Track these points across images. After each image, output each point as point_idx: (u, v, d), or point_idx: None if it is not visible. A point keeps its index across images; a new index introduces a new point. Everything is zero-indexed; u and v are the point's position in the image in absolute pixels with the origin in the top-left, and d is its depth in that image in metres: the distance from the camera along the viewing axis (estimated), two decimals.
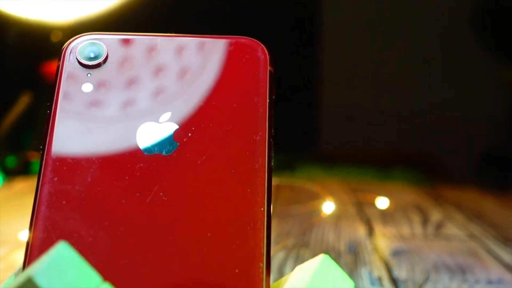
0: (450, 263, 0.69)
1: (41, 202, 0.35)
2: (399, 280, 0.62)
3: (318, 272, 0.33)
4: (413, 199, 1.10)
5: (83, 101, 0.37)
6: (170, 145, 0.36)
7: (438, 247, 0.76)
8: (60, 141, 0.36)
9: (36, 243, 0.34)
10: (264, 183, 0.35)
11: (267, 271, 0.34)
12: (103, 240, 0.34)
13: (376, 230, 0.84)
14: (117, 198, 0.35)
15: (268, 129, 0.37)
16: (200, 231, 0.34)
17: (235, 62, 0.39)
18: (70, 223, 0.34)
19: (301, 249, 0.73)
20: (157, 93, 0.38)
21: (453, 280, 0.62)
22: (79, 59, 0.38)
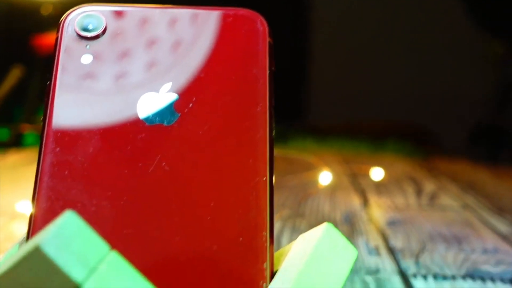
0: (445, 233, 0.69)
1: (43, 173, 0.35)
2: (396, 249, 0.63)
3: (322, 241, 0.33)
4: (406, 170, 1.11)
5: (83, 72, 0.37)
6: (171, 116, 0.36)
7: (433, 217, 0.76)
8: (61, 112, 0.36)
9: (40, 213, 0.34)
10: (266, 153, 0.36)
11: (270, 239, 0.34)
12: (107, 209, 0.34)
13: (371, 201, 0.85)
14: (119, 168, 0.35)
15: (269, 100, 0.37)
16: (203, 201, 0.34)
17: (234, 33, 0.39)
18: (73, 193, 0.35)
19: (297, 219, 0.73)
20: (156, 64, 0.38)
21: (449, 250, 0.63)
22: (78, 31, 0.38)
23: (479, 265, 0.58)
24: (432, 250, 0.63)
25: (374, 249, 0.63)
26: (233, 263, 0.33)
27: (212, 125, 0.36)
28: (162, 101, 0.37)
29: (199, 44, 0.38)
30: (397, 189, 0.93)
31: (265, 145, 0.36)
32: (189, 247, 0.34)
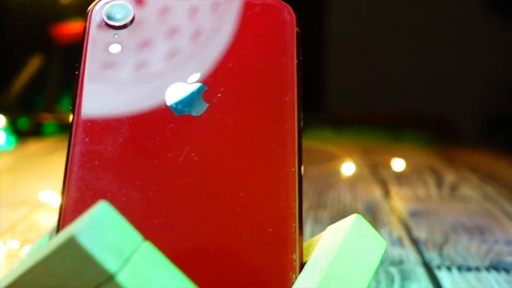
0: (468, 224, 0.69)
1: (73, 163, 0.35)
2: (420, 240, 0.62)
3: (351, 232, 0.33)
4: (426, 160, 1.10)
5: (111, 62, 0.37)
6: (200, 106, 0.36)
7: (454, 208, 0.76)
8: (90, 102, 0.36)
9: (70, 203, 0.34)
10: (295, 144, 0.36)
11: (300, 230, 0.34)
12: (136, 199, 0.34)
13: (392, 192, 0.84)
14: (148, 158, 0.35)
15: (297, 90, 0.37)
16: (233, 191, 0.34)
17: (262, 23, 0.38)
18: (103, 183, 0.35)
19: (318, 210, 0.73)
20: (185, 54, 0.38)
21: (472, 241, 0.62)
22: (106, 20, 0.38)
23: (503, 257, 0.58)
24: (455, 241, 0.62)
25: (397, 240, 0.62)
26: (263, 254, 0.33)
27: (241, 115, 0.36)
28: (191, 91, 0.37)
29: (227, 33, 0.38)
30: (417, 180, 0.93)
31: (294, 135, 0.36)
32: (219, 238, 0.34)
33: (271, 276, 0.33)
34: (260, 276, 0.33)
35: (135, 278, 0.26)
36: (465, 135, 1.72)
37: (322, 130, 1.53)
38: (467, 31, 2.06)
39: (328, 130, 1.55)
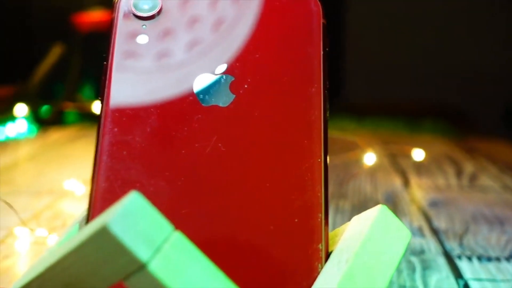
0: (487, 214, 0.69)
1: (102, 153, 0.35)
2: (440, 230, 0.62)
3: (377, 222, 0.33)
4: (445, 150, 1.10)
5: (139, 52, 0.37)
6: (227, 97, 0.36)
7: (474, 198, 0.76)
8: (118, 92, 0.36)
9: (99, 192, 0.34)
10: (321, 135, 0.36)
11: (325, 221, 0.34)
12: (165, 189, 0.34)
13: (412, 182, 0.84)
14: (176, 148, 0.35)
15: (323, 81, 0.37)
16: (259, 182, 0.35)
17: (289, 14, 0.38)
18: (131, 173, 0.35)
19: (340, 200, 0.73)
20: (212, 45, 0.38)
21: (492, 231, 0.63)
22: (134, 11, 0.38)
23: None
24: (475, 232, 0.62)
25: (418, 229, 0.63)
26: (289, 244, 0.34)
27: (267, 106, 0.36)
28: (218, 82, 0.37)
29: (254, 24, 0.38)
30: (437, 169, 0.93)
31: (320, 126, 0.36)
32: (245, 228, 0.34)
33: (297, 265, 0.33)
34: (287, 265, 0.33)
35: (166, 267, 0.27)
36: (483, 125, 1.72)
37: (342, 120, 1.53)
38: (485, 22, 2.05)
39: (348, 119, 1.55)
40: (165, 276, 0.27)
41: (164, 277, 0.26)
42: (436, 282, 0.49)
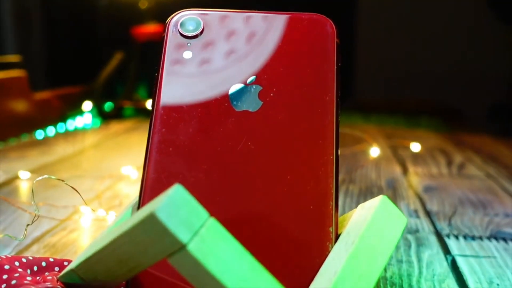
0: (473, 199, 0.68)
1: (152, 149, 0.36)
2: (432, 212, 0.62)
3: (379, 210, 0.33)
4: (437, 143, 1.09)
5: (184, 66, 0.38)
6: (256, 103, 0.36)
7: (461, 184, 0.75)
8: (166, 98, 0.37)
9: (149, 182, 0.35)
10: (333, 136, 0.36)
11: (335, 208, 0.34)
12: (202, 180, 0.35)
13: (410, 170, 0.84)
14: (213, 146, 0.35)
15: (336, 91, 0.37)
16: (281, 174, 0.35)
17: (309, 34, 0.39)
18: (176, 166, 0.35)
19: (349, 185, 0.73)
20: (244, 60, 0.38)
21: (476, 214, 0.62)
22: (181, 31, 0.39)
23: (502, 227, 0.57)
24: (462, 214, 0.62)
25: (414, 211, 0.62)
26: (305, 227, 0.34)
27: (289, 111, 0.37)
28: (249, 91, 0.37)
29: (279, 43, 0.38)
30: (431, 159, 0.92)
31: (333, 129, 0.36)
32: (269, 212, 0.34)
33: (311, 245, 0.33)
34: (302, 245, 0.33)
35: (203, 248, 0.27)
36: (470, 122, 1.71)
37: (352, 115, 1.53)
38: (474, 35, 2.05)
39: (356, 115, 1.55)
40: (202, 255, 0.27)
41: (201, 256, 0.27)
42: (428, 257, 0.48)
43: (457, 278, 0.44)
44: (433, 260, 0.48)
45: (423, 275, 0.44)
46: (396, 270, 0.45)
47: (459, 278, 0.44)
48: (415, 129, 1.32)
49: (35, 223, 0.53)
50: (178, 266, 0.28)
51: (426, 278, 0.44)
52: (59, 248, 0.49)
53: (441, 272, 0.45)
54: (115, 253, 0.30)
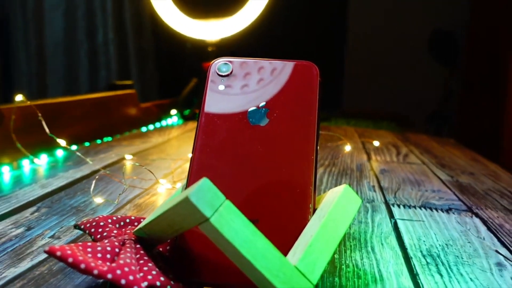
0: (411, 179, 0.65)
1: (196, 148, 0.34)
2: (384, 188, 0.59)
3: (342, 195, 0.31)
4: (392, 140, 1.05)
5: (219, 95, 0.36)
6: (265, 120, 0.35)
7: (405, 168, 0.72)
8: (206, 115, 0.35)
9: (193, 170, 0.33)
10: (314, 142, 0.34)
11: (314, 191, 0.32)
12: (227, 171, 0.33)
13: (372, 158, 0.80)
14: (235, 148, 0.34)
15: (318, 112, 0.35)
16: (279, 167, 0.33)
17: (301, 75, 0.37)
18: (210, 161, 0.33)
19: (332, 168, 0.70)
20: (258, 91, 0.36)
21: (413, 189, 0.59)
22: (217, 72, 0.37)
23: (430, 200, 0.54)
24: (403, 189, 0.59)
25: (372, 187, 0.59)
26: (293, 204, 0.32)
27: (287, 126, 0.35)
28: (260, 112, 0.35)
29: (281, 81, 0.36)
30: (386, 151, 0.89)
31: (314, 137, 0.34)
32: (270, 192, 0.32)
33: (297, 215, 0.31)
34: (291, 215, 0.31)
35: (221, 220, 0.25)
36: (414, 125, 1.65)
37: (338, 120, 1.49)
38: (421, 67, 2.03)
39: (341, 120, 1.51)
40: (220, 225, 0.25)
41: (219, 226, 0.25)
42: (378, 220, 0.45)
43: (397, 236, 0.41)
44: (382, 222, 0.45)
45: (374, 232, 0.42)
46: (356, 228, 0.42)
47: (398, 236, 0.41)
48: (378, 130, 1.27)
49: (129, 190, 0.52)
50: (206, 232, 0.26)
51: (376, 235, 0.41)
52: (143, 207, 0.47)
53: (387, 231, 0.42)
54: (165, 220, 0.28)
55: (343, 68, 2.10)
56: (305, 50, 1.91)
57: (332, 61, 2.08)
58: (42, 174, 0.60)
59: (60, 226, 0.41)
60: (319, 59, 0.42)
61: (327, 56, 2.03)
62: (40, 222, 0.41)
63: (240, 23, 1.30)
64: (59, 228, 0.40)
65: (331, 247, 0.28)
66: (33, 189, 0.52)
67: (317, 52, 1.96)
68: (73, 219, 0.43)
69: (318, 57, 1.64)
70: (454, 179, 0.66)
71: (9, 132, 0.62)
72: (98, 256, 0.28)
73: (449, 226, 0.44)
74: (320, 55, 1.98)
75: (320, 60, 0.40)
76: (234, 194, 0.32)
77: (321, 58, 2.04)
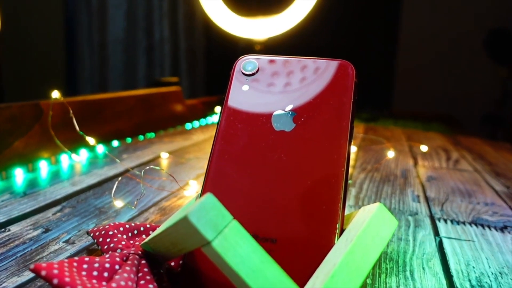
0: (462, 188, 0.57)
1: (214, 155, 0.30)
2: (430, 198, 0.52)
3: (375, 215, 0.25)
4: (442, 143, 0.96)
5: (242, 96, 0.32)
6: (291, 125, 0.30)
7: (455, 176, 0.64)
8: (227, 118, 0.31)
9: (209, 178, 0.29)
10: (346, 153, 0.28)
11: (343, 209, 0.27)
12: (246, 180, 0.29)
13: (419, 163, 0.73)
14: (257, 156, 0.29)
15: (351, 118, 0.30)
16: (303, 180, 0.28)
17: (336, 75, 0.31)
18: (227, 169, 0.29)
19: (375, 173, 0.64)
20: (284, 93, 0.31)
21: (463, 201, 0.52)
22: (242, 70, 0.33)
23: (482, 215, 0.47)
24: (452, 201, 0.52)
25: (416, 197, 0.52)
26: (319, 222, 0.27)
27: (315, 133, 0.29)
28: (286, 116, 0.30)
29: (312, 81, 0.31)
30: (435, 155, 0.81)
31: (345, 147, 0.29)
32: (291, 207, 0.27)
33: (321, 237, 0.26)
34: (316, 235, 0.26)
35: (225, 244, 0.21)
36: (465, 127, 1.54)
37: (386, 120, 1.40)
38: (476, 68, 1.91)
39: (390, 120, 1.42)
40: (223, 250, 0.21)
41: (222, 251, 0.21)
42: (421, 237, 0.39)
43: (442, 259, 0.35)
44: (425, 241, 0.38)
45: (415, 253, 0.36)
46: (395, 247, 0.37)
47: (443, 259, 0.35)
48: (427, 131, 1.18)
49: (155, 192, 0.48)
50: (209, 255, 0.21)
51: (418, 256, 0.35)
52: (167, 211, 0.43)
53: (430, 251, 0.36)
54: (168, 238, 0.24)
55: (394, 68, 2.01)
56: (355, 48, 1.83)
57: (383, 60, 1.99)
58: (78, 171, 0.58)
59: (78, 229, 0.38)
60: (369, 58, 0.37)
61: (377, 55, 1.94)
62: (60, 223, 0.39)
63: (288, 22, 1.25)
64: (77, 232, 0.37)
65: (358, 280, 0.23)
66: (63, 186, 0.50)
67: (367, 51, 1.88)
68: (93, 222, 0.40)
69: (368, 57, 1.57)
70: (510, 190, 0.58)
71: (47, 127, 0.61)
72: (93, 274, 0.24)
73: (504, 249, 0.37)
74: (370, 55, 1.89)
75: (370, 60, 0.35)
76: (251, 208, 0.27)
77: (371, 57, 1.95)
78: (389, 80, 2.00)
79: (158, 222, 0.40)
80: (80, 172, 0.57)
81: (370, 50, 1.91)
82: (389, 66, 2.00)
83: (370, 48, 1.92)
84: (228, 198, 0.28)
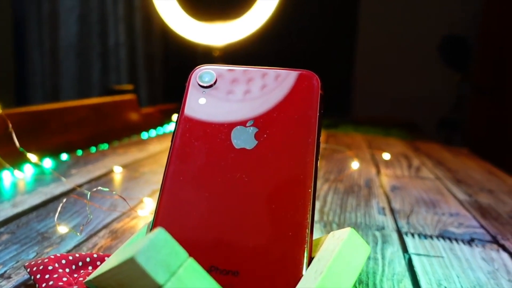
0: (425, 198, 0.57)
1: (167, 176, 0.27)
2: (395, 210, 0.51)
3: (346, 242, 0.23)
4: (402, 150, 0.97)
5: (198, 110, 0.29)
6: (252, 142, 0.27)
7: (417, 185, 0.64)
8: (181, 135, 0.28)
9: (162, 205, 0.26)
10: (312, 172, 0.26)
11: (311, 234, 0.25)
12: (204, 204, 0.26)
13: (382, 171, 0.73)
14: (215, 177, 0.26)
15: (317, 133, 0.28)
16: (267, 203, 0.25)
17: (298, 87, 0.29)
18: (183, 192, 0.26)
19: (338, 184, 0.62)
20: (245, 107, 0.29)
21: (428, 213, 0.51)
22: (198, 81, 0.30)
23: (448, 226, 0.46)
24: (417, 212, 0.51)
25: (382, 209, 0.51)
26: (284, 250, 0.24)
27: (278, 150, 0.27)
28: (247, 132, 0.28)
29: (273, 93, 0.29)
30: (397, 163, 0.80)
31: (312, 166, 0.26)
32: (254, 234, 0.25)
33: (288, 267, 0.24)
34: (280, 266, 0.24)
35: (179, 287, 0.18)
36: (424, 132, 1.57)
37: (347, 126, 1.40)
38: (431, 74, 1.96)
39: (350, 126, 1.42)
40: None
41: None
42: (390, 255, 0.38)
43: (412, 279, 0.33)
44: (394, 258, 0.37)
45: (385, 273, 0.34)
46: (364, 267, 0.35)
47: (413, 278, 0.33)
48: (388, 137, 1.19)
49: (110, 211, 0.45)
50: None
51: (388, 277, 0.33)
52: (119, 234, 0.40)
53: (400, 271, 0.34)
54: (113, 278, 0.21)
55: (353, 74, 2.04)
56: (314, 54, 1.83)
57: (342, 65, 2.00)
58: (21, 189, 0.53)
59: (16, 260, 0.34)
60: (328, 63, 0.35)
61: (336, 61, 1.96)
62: None
63: (246, 27, 1.23)
64: (14, 263, 0.33)
65: None
66: (3, 208, 0.45)
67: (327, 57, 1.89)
68: (34, 250, 0.36)
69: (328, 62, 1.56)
70: (473, 198, 0.58)
71: None
72: None
73: (473, 264, 0.36)
74: (330, 60, 1.90)
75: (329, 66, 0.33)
76: (209, 237, 0.25)
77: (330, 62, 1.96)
78: (349, 86, 2.03)
79: (109, 248, 0.36)
80: (23, 190, 0.52)
81: (329, 55, 1.93)
82: (348, 71, 2.03)
83: (329, 53, 1.93)
84: (183, 227, 0.25)
